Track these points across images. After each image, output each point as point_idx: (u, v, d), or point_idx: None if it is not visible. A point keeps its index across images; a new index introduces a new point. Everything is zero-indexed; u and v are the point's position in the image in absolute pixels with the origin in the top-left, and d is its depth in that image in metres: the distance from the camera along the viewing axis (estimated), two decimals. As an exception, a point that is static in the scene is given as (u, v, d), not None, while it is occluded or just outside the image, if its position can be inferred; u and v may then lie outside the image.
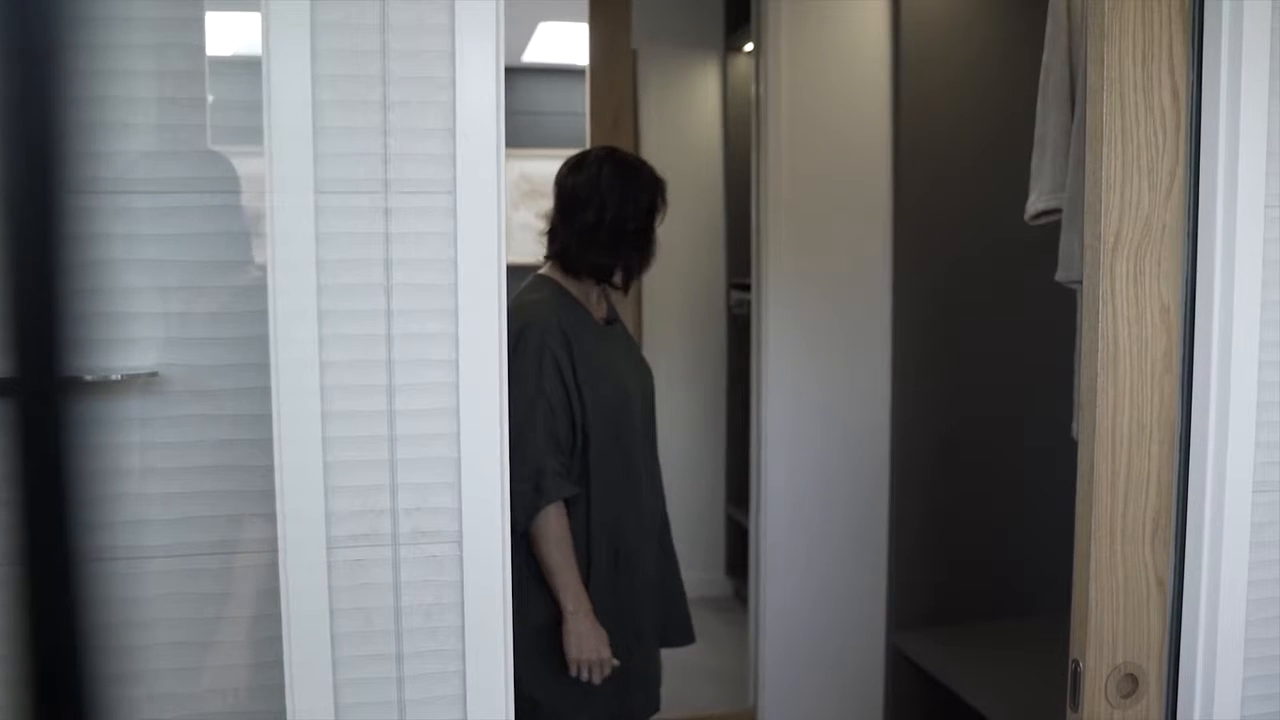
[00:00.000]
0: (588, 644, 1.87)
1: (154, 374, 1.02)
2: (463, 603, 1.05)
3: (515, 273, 1.18)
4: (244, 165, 1.07)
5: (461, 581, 1.05)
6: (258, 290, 1.02)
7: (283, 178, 0.99)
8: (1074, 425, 1.63)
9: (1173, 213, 1.29)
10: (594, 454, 1.94)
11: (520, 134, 4.53)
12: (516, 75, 4.57)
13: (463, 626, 1.06)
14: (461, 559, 1.05)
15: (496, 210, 1.03)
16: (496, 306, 1.04)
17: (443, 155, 1.02)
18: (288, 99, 0.98)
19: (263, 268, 1.01)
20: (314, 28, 0.99)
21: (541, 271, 2.04)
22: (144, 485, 1.04)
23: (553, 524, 1.86)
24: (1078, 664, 1.34)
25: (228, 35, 1.16)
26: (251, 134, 0.99)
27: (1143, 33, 1.27)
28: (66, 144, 0.43)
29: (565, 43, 4.29)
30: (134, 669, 1.04)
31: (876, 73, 2.81)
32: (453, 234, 1.02)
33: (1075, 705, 1.35)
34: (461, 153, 1.02)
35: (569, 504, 1.91)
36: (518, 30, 4.14)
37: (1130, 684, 1.34)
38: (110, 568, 1.01)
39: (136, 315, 1.03)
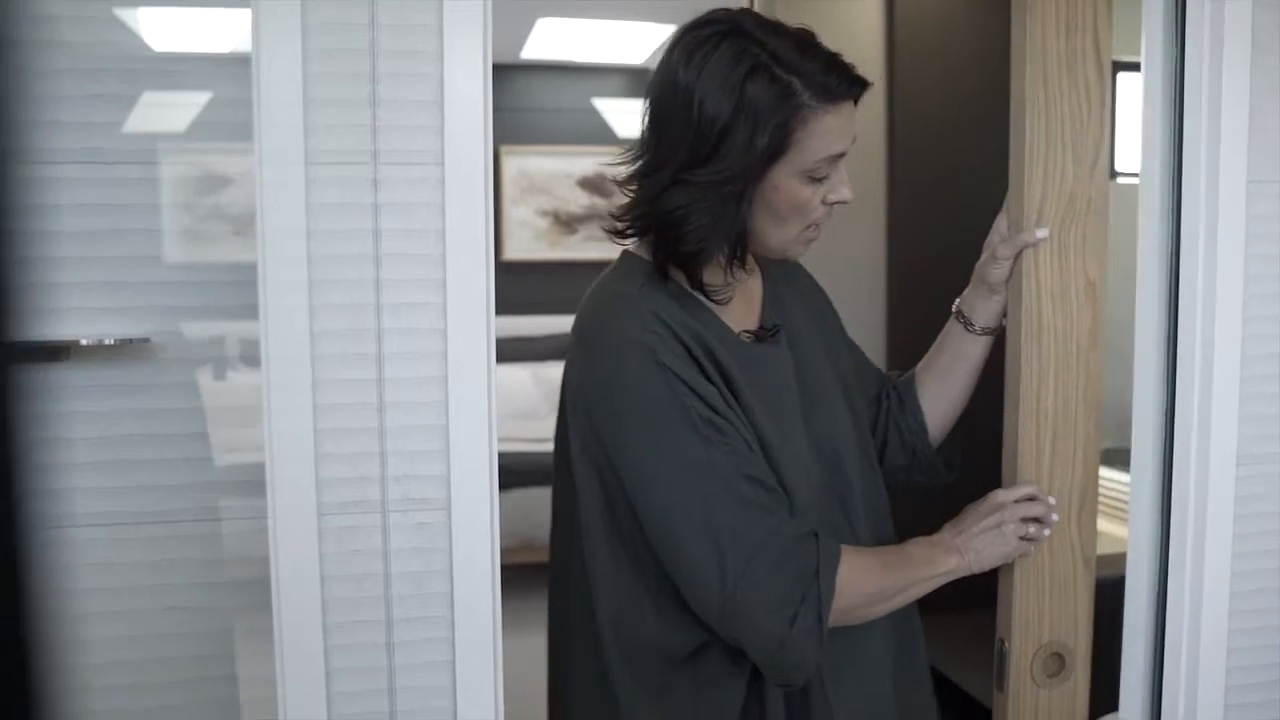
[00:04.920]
0: (989, 551, 1.21)
1: (146, 340, 1.03)
2: (451, 570, 1.07)
3: (515, 271, 1.18)
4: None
5: (450, 549, 1.06)
6: (249, 259, 1.03)
7: (272, 149, 1.00)
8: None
9: (1098, 187, 1.27)
10: None
11: (519, 131, 4.55)
12: (515, 72, 4.59)
13: (451, 593, 1.07)
14: (450, 526, 1.06)
15: (484, 181, 1.05)
16: (484, 276, 1.05)
17: (430, 127, 1.04)
18: (277, 72, 1.00)
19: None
20: (304, 1, 1.00)
21: (630, 248, 1.22)
22: (135, 451, 1.05)
23: (849, 582, 1.11)
24: (1004, 643, 1.33)
25: (224, 30, 1.17)
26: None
27: (1066, 4, 1.24)
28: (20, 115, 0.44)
29: (564, 39, 4.31)
30: (104, 635, 1.05)
31: (870, 71, 2.82)
32: (440, 205, 1.04)
33: (1001, 685, 1.33)
34: (449, 124, 1.04)
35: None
36: (516, 27, 4.16)
37: (1057, 663, 1.32)
38: (104, 533, 1.03)
39: (128, 284, 1.04)
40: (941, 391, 1.37)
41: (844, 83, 1.12)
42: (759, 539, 1.07)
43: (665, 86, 1.10)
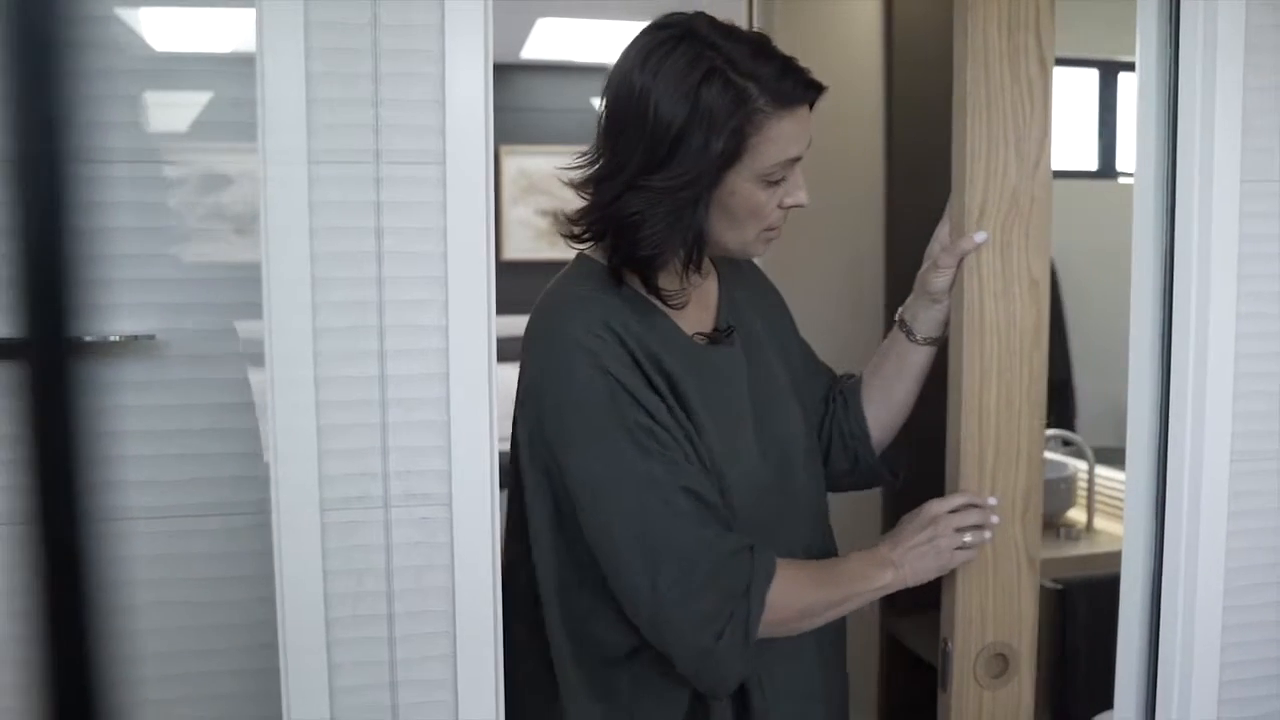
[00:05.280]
0: (923, 564, 1.21)
1: (151, 337, 1.04)
2: (453, 564, 1.08)
3: (514, 271, 1.19)
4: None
5: (451, 543, 1.07)
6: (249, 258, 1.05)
7: (276, 148, 1.02)
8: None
9: (1041, 185, 1.26)
10: None
11: (518, 131, 4.55)
12: (515, 72, 4.60)
13: (453, 588, 1.08)
14: (451, 521, 1.07)
15: (485, 180, 1.06)
16: (485, 273, 1.06)
17: (432, 126, 1.05)
18: (280, 71, 1.01)
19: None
20: (307, 2, 1.02)
21: (585, 251, 1.22)
22: (140, 447, 1.06)
23: (781, 596, 1.11)
24: (947, 644, 1.31)
25: (224, 30, 1.19)
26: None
27: (1008, 1, 1.23)
28: (74, 114, 0.45)
29: (563, 39, 4.31)
30: (129, 628, 1.06)
31: (868, 72, 2.83)
32: (442, 203, 1.05)
33: (944, 685, 1.32)
34: (450, 124, 1.05)
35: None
36: (516, 27, 4.17)
37: (1000, 664, 1.30)
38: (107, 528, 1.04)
39: (135, 281, 1.05)
40: (884, 399, 1.38)
41: (799, 87, 1.11)
42: (691, 553, 1.08)
43: (620, 90, 1.11)
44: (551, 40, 4.32)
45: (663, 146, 1.08)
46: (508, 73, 4.42)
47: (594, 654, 1.16)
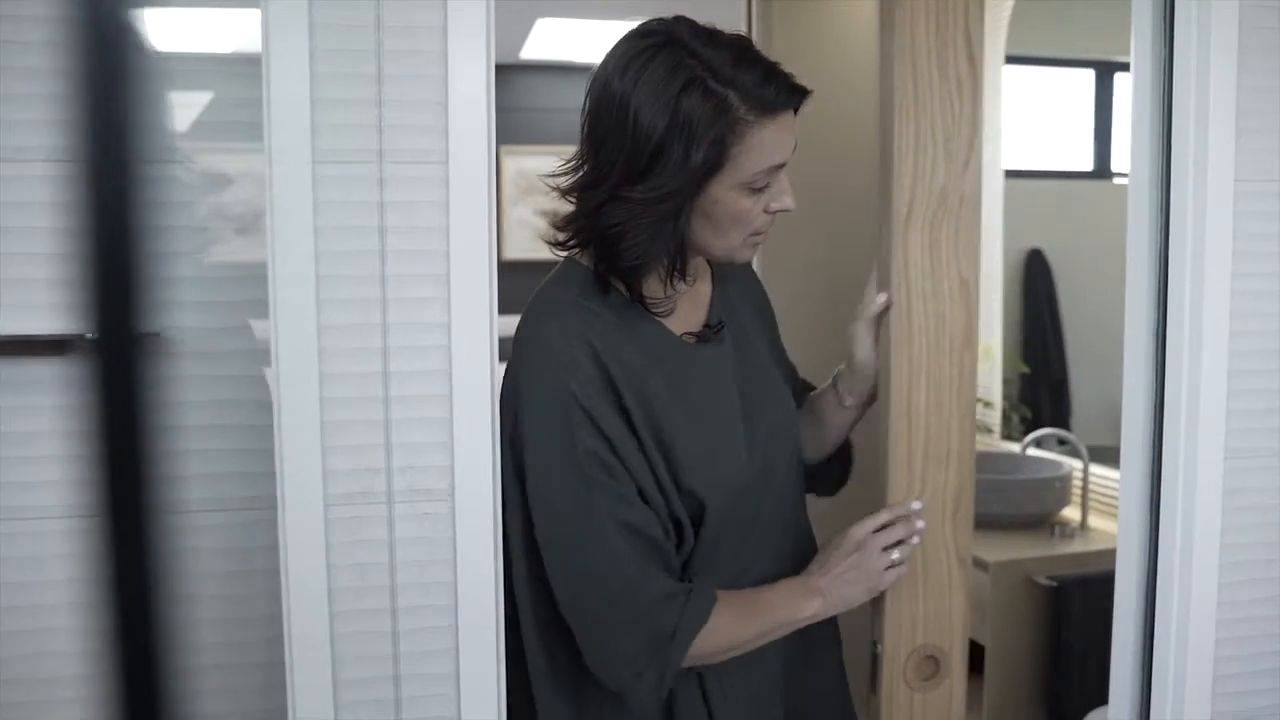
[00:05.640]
0: (851, 591, 1.23)
1: (156, 334, 1.05)
2: (455, 559, 1.09)
3: (514, 270, 1.20)
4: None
5: (454, 538, 1.09)
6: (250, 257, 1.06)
7: (281, 148, 1.03)
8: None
9: (970, 184, 1.24)
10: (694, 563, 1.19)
11: (518, 131, 4.57)
12: (514, 72, 4.61)
13: (455, 582, 1.09)
14: (454, 516, 1.09)
15: (487, 179, 1.07)
16: (487, 271, 1.07)
17: (435, 126, 1.06)
18: (286, 72, 1.02)
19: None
20: (312, 3, 1.03)
21: (575, 256, 1.21)
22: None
23: (708, 634, 1.13)
24: (876, 646, 1.30)
25: (225, 31, 1.20)
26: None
27: None
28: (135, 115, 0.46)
29: (563, 39, 4.33)
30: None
31: (867, 72, 2.83)
32: (445, 202, 1.06)
33: (874, 688, 1.30)
34: (453, 124, 1.06)
35: None
36: (515, 27, 4.18)
37: (931, 666, 1.29)
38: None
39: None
40: (814, 435, 1.39)
41: (782, 93, 1.09)
42: (616, 593, 1.11)
43: (601, 98, 1.10)
44: (551, 40, 4.34)
45: (643, 158, 1.07)
46: (507, 73, 4.42)
47: (565, 657, 1.18)
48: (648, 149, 1.06)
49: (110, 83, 0.44)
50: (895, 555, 1.23)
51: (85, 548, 0.47)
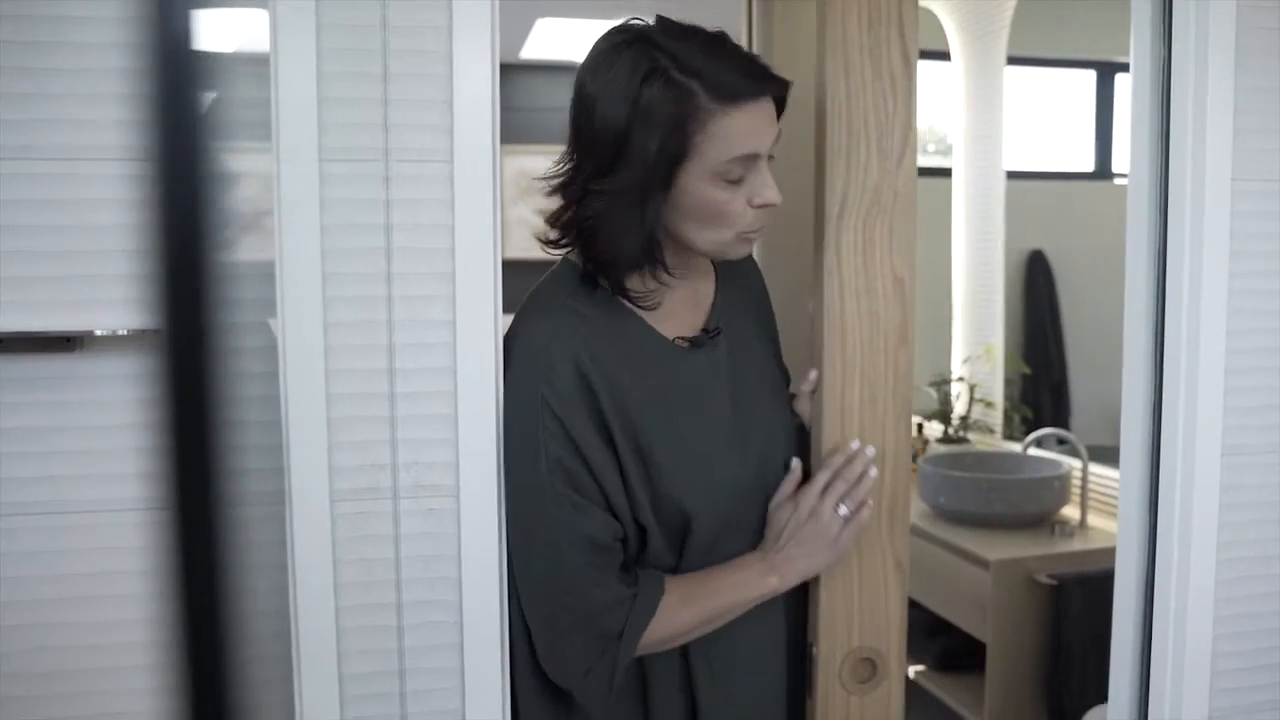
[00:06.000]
0: (806, 563, 1.22)
1: (159, 331, 1.06)
2: (460, 555, 1.10)
3: (514, 270, 1.20)
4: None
5: (459, 534, 1.10)
6: (252, 256, 1.07)
7: (289, 146, 1.04)
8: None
9: (905, 181, 1.22)
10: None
11: (518, 130, 4.57)
12: (514, 71, 4.62)
13: (460, 578, 1.10)
14: (459, 512, 1.09)
15: (491, 177, 1.08)
16: (491, 269, 1.08)
17: (440, 125, 1.07)
18: (293, 71, 1.03)
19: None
20: (319, 3, 1.04)
21: (570, 256, 1.23)
22: (147, 439, 1.08)
23: (657, 623, 1.17)
24: (812, 648, 1.29)
25: (235, 31, 1.21)
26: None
27: None
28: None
29: (563, 39, 4.34)
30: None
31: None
32: (450, 200, 1.07)
33: (810, 691, 1.29)
34: (458, 123, 1.07)
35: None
36: (516, 27, 4.19)
37: (868, 669, 1.28)
38: (121, 518, 1.06)
39: (132, 276, 1.07)
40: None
41: (749, 81, 1.09)
42: (569, 602, 1.14)
43: (575, 97, 1.13)
44: (551, 40, 4.35)
45: (609, 149, 1.09)
46: (508, 73, 4.42)
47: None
48: (611, 141, 1.08)
49: (180, 83, 0.45)
50: (844, 510, 1.21)
51: (154, 541, 0.48)
